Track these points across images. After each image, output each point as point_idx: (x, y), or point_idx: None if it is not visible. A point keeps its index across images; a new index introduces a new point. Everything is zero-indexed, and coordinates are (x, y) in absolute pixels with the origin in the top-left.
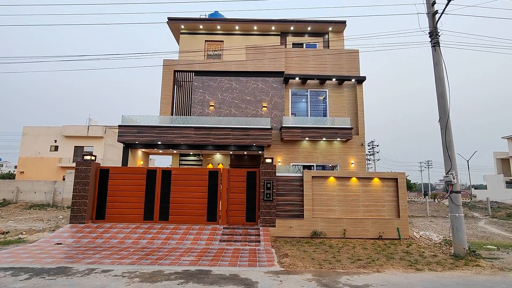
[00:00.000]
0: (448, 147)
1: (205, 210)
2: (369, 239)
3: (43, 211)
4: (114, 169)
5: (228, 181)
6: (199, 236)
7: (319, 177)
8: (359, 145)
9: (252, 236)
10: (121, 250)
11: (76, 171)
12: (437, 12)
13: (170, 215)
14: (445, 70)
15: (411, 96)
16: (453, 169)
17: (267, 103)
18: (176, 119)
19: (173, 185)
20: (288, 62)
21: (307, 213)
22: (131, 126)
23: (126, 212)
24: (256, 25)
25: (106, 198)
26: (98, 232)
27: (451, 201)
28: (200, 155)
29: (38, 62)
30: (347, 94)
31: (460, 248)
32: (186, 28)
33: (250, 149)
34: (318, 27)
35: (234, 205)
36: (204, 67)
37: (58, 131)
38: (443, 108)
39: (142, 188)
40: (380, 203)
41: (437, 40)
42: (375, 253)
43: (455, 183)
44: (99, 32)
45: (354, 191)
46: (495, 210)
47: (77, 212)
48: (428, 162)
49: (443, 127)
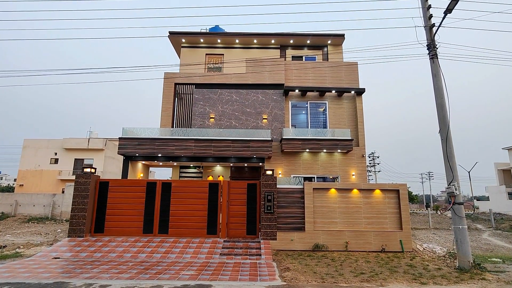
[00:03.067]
0: (449, 158)
1: (205, 223)
2: (371, 252)
3: (41, 225)
4: (114, 182)
5: (229, 194)
6: (199, 250)
7: (320, 189)
8: (360, 156)
9: (253, 249)
10: (119, 264)
11: (75, 184)
12: (434, 25)
13: (170, 228)
14: (444, 81)
15: (409, 101)
16: (455, 180)
17: (267, 115)
18: (177, 131)
19: (173, 197)
20: (287, 75)
21: (308, 226)
22: (132, 138)
23: (126, 225)
24: (256, 38)
25: (105, 211)
26: (97, 245)
27: (454, 212)
28: (200, 167)
29: (42, 76)
30: (346, 105)
31: (465, 261)
32: (187, 42)
33: (251, 161)
34: (317, 40)
35: (235, 217)
36: (205, 80)
37: (58, 144)
38: (443, 119)
39: (142, 201)
40: (382, 215)
41: (435, 52)
42: (378, 267)
43: (458, 194)
44: (95, 44)
45: (355, 203)
46: (498, 221)
47: (75, 225)
48: (429, 173)
49: (444, 138)
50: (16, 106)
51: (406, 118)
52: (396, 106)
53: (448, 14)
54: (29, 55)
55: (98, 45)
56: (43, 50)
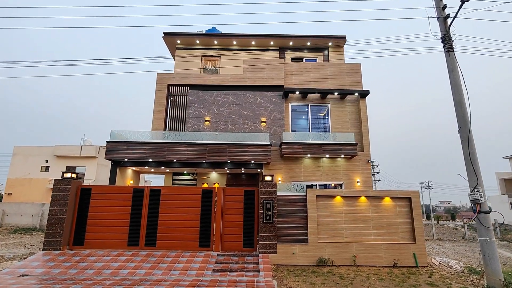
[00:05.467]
0: (472, 160)
1: (197, 234)
2: (383, 267)
3: (28, 236)
4: (97, 188)
5: (224, 202)
6: (189, 265)
7: (324, 196)
8: (365, 162)
9: (250, 264)
10: (95, 283)
11: (53, 190)
12: (449, 16)
13: (157, 240)
14: (462, 75)
15: (411, 112)
16: (479, 185)
17: (266, 118)
18: (169, 134)
19: (162, 206)
20: (287, 76)
21: (312, 237)
22: (120, 142)
23: (109, 237)
24: (254, 40)
25: (86, 221)
26: (74, 260)
27: (479, 223)
28: (194, 174)
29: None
30: (350, 108)
31: (495, 279)
32: (183, 43)
33: (248, 167)
34: (318, 42)
35: (230, 228)
36: (200, 81)
37: (50, 151)
38: (463, 117)
39: (128, 210)
40: (393, 226)
41: (451, 45)
42: (394, 286)
43: (483, 201)
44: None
45: (363, 212)
46: (502, 232)
47: (52, 237)
48: (428, 183)
49: (464, 139)
50: (7, 112)
51: (408, 127)
52: (398, 117)
53: (466, 2)
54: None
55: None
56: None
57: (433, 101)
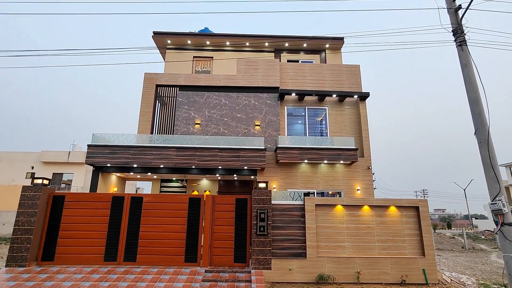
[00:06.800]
0: (493, 165)
1: (183, 247)
2: (389, 284)
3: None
4: (72, 196)
5: (213, 211)
6: (172, 284)
7: (324, 205)
8: (365, 168)
9: (242, 282)
10: None
11: (21, 198)
12: (461, 7)
13: (138, 254)
14: (477, 71)
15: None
16: (501, 193)
17: (261, 121)
18: (156, 138)
19: (144, 215)
20: (283, 77)
21: (310, 251)
22: (103, 146)
23: (83, 251)
24: (249, 40)
25: (58, 232)
26: (39, 279)
27: (503, 236)
28: (184, 181)
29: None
30: (349, 112)
31: None
32: (173, 43)
33: (241, 173)
34: (315, 44)
35: (220, 241)
36: (190, 81)
37: (36, 157)
38: (479, 116)
39: (105, 220)
40: (399, 238)
41: (463, 38)
42: None
43: (506, 212)
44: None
45: (366, 223)
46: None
47: (17, 251)
48: (423, 191)
49: (483, 141)
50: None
51: (405, 136)
52: (396, 125)
53: None
54: None
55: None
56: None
57: (426, 112)
